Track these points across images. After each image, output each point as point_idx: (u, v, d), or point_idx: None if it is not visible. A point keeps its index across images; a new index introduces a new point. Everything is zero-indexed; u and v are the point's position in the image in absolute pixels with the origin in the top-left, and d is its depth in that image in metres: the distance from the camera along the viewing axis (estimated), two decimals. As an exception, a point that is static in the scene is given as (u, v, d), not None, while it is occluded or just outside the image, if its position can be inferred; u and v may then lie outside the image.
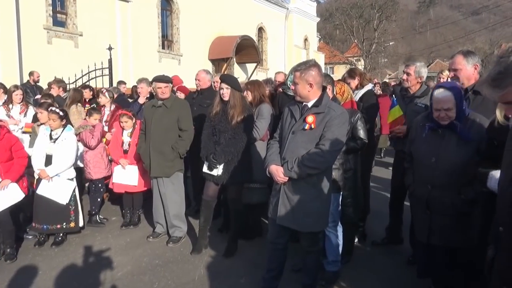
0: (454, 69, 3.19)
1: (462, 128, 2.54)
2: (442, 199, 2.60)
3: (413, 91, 3.93)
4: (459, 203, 2.54)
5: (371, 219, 4.89)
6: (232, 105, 3.91)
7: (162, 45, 17.23)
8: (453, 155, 2.55)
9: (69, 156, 4.44)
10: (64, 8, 13.49)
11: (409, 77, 3.89)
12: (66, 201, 4.44)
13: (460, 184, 2.54)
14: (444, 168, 2.58)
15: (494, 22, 70.35)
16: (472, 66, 3.15)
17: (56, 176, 4.39)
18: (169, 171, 4.39)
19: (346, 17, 42.95)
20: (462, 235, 2.56)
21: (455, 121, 2.57)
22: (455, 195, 2.55)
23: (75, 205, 4.55)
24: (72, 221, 4.51)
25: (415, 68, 3.85)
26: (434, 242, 2.68)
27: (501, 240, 1.79)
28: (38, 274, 3.81)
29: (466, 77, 3.15)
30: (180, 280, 3.67)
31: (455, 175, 2.55)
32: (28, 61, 11.67)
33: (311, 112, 2.85)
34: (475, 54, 3.26)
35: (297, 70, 2.88)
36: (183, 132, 4.39)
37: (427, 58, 60.80)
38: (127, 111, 5.06)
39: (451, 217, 2.59)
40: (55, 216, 4.41)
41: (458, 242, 2.58)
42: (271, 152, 3.07)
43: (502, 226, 1.78)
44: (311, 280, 3.15)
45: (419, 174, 2.78)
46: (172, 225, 4.52)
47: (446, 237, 2.62)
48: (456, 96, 2.56)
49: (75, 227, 4.55)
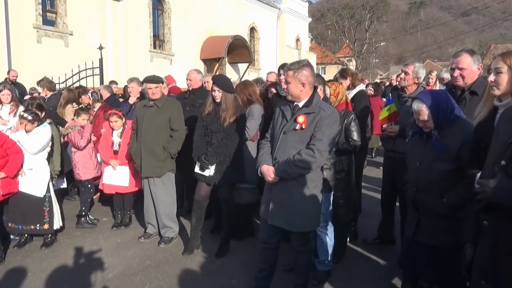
0: (460, 68, 3.12)
1: (437, 138, 2.57)
2: (426, 202, 2.66)
3: (409, 91, 3.89)
4: (441, 207, 2.57)
5: (362, 219, 4.91)
6: (224, 108, 3.90)
7: (154, 45, 17.15)
8: (433, 161, 2.59)
9: (35, 143, 4.28)
10: (54, 7, 13.37)
11: (407, 76, 3.86)
12: (42, 193, 4.32)
13: (443, 189, 2.57)
14: (425, 173, 2.63)
15: (483, 24, 71.11)
16: (477, 66, 3.13)
17: (28, 170, 4.28)
18: (160, 171, 4.37)
19: (338, 17, 43.05)
20: (447, 237, 2.58)
21: (433, 131, 2.60)
22: (437, 199, 2.58)
23: (49, 206, 4.42)
24: (46, 223, 4.37)
25: (414, 68, 3.83)
26: (419, 238, 2.72)
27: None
28: (27, 276, 3.76)
29: (470, 77, 3.11)
30: (171, 281, 3.65)
31: (435, 181, 2.59)
32: (17, 60, 11.55)
33: (302, 112, 2.86)
34: (478, 54, 3.26)
35: (290, 69, 2.88)
36: (175, 132, 4.37)
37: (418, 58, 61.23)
38: (117, 111, 5.01)
39: (437, 218, 2.62)
40: (29, 217, 4.32)
41: (443, 243, 2.61)
42: (263, 152, 3.08)
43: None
44: (303, 280, 3.15)
45: (409, 174, 2.83)
46: (164, 225, 4.49)
47: (432, 235, 2.65)
48: (432, 108, 2.56)
49: (48, 229, 4.40)
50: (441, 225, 2.61)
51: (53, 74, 9.79)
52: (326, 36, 56.70)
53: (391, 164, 4.02)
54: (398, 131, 3.75)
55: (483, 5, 75.18)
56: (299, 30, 28.93)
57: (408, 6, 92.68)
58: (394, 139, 3.85)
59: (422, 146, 2.68)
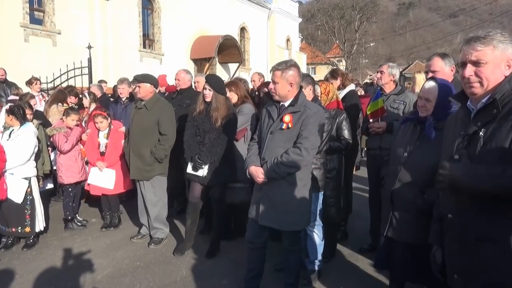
0: (433, 71, 3.27)
1: (429, 125, 2.56)
2: (405, 195, 2.61)
3: (388, 89, 4.06)
4: (420, 202, 2.54)
5: (353, 219, 4.94)
6: (214, 108, 3.88)
7: (143, 44, 17.02)
8: (423, 153, 2.58)
9: (21, 151, 4.21)
10: (41, 6, 13.18)
11: (383, 75, 4.06)
12: (20, 200, 4.23)
13: (427, 184, 2.56)
14: (412, 165, 2.60)
15: (470, 25, 71.99)
16: (449, 68, 3.28)
17: (9, 174, 4.20)
18: (148, 175, 4.30)
19: (328, 18, 43.24)
20: (417, 233, 2.56)
21: (430, 116, 2.60)
22: (418, 193, 2.56)
23: (31, 209, 4.32)
24: (28, 226, 4.29)
25: (388, 67, 4.06)
26: (390, 235, 2.70)
27: (450, 228, 1.83)
28: (14, 278, 3.71)
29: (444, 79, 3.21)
30: (162, 282, 3.63)
31: (421, 174, 2.56)
32: (4, 59, 11.33)
33: (288, 112, 2.87)
34: (450, 56, 3.39)
35: (278, 69, 2.89)
36: (163, 136, 4.25)
37: (407, 59, 61.80)
38: (102, 111, 4.91)
39: (410, 213, 2.60)
40: (10, 220, 4.25)
41: (412, 239, 2.58)
42: (251, 153, 3.10)
43: (450, 213, 1.82)
44: (293, 279, 3.16)
45: (391, 167, 2.78)
46: (153, 227, 4.46)
47: (402, 232, 2.63)
48: (441, 92, 2.58)
49: (30, 233, 4.32)
50: (413, 221, 2.57)
51: (40, 74, 9.63)
52: (316, 37, 56.96)
53: (376, 163, 3.98)
54: (386, 127, 3.78)
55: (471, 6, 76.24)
56: (289, 30, 28.98)
57: (397, 7, 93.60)
58: (381, 136, 3.88)
59: (414, 137, 2.66)
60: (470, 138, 1.73)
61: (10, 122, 4.34)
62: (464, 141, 1.76)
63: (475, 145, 1.70)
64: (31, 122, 4.53)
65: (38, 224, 4.42)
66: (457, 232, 1.79)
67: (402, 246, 2.65)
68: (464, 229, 1.75)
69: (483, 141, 1.67)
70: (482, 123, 1.69)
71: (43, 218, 4.56)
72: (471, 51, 1.71)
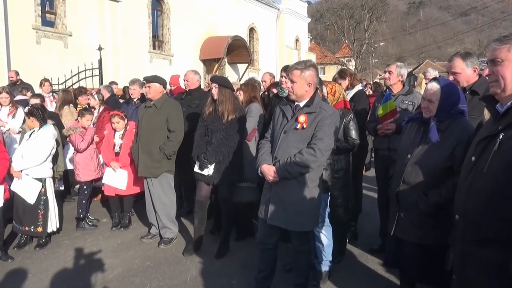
0: (454, 73, 3.11)
1: (433, 127, 2.53)
2: (409, 196, 2.60)
3: (396, 90, 4.04)
4: (423, 204, 2.52)
5: (363, 219, 4.91)
6: (220, 101, 3.92)
7: (153, 46, 17.16)
8: (426, 155, 2.56)
9: (37, 152, 4.29)
10: (53, 8, 13.36)
11: (391, 75, 4.03)
12: (33, 201, 4.29)
13: (428, 186, 2.54)
14: (415, 167, 2.59)
15: (482, 23, 71.23)
16: (472, 69, 3.09)
17: (24, 175, 4.28)
18: (155, 171, 4.35)
19: (337, 17, 43.06)
20: (423, 233, 2.55)
21: (433, 118, 2.57)
22: (422, 195, 2.54)
23: (44, 210, 4.37)
24: (40, 226, 4.34)
25: (396, 67, 4.03)
26: (397, 234, 2.69)
27: (456, 230, 1.84)
28: (27, 277, 3.76)
29: (466, 81, 3.10)
30: (171, 282, 3.65)
31: (424, 176, 2.54)
32: (16, 61, 11.53)
33: (303, 112, 2.86)
34: (473, 55, 3.18)
35: (297, 68, 2.87)
36: (171, 133, 4.34)
37: (417, 58, 61.37)
38: (119, 112, 5.00)
39: (415, 214, 2.58)
40: (24, 219, 4.31)
41: (419, 239, 2.57)
42: (263, 152, 3.08)
43: (458, 214, 1.82)
44: (303, 280, 3.15)
45: (397, 167, 2.77)
46: (163, 226, 4.49)
47: (408, 232, 2.62)
48: (444, 93, 2.55)
49: (42, 232, 4.36)
50: (418, 222, 2.56)
51: (52, 75, 9.80)
52: (325, 37, 56.75)
53: (385, 164, 3.95)
54: (396, 128, 3.75)
55: (482, 5, 75.29)
56: (298, 31, 28.93)
57: (407, 6, 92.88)
58: (389, 136, 3.86)
59: (418, 138, 2.64)
60: (489, 141, 1.72)
61: (31, 124, 4.43)
62: (484, 143, 1.74)
63: (491, 147, 1.68)
64: (51, 125, 4.60)
65: (50, 224, 4.47)
66: (460, 234, 1.78)
67: (410, 246, 2.64)
68: (464, 231, 1.75)
69: (498, 145, 1.65)
70: (503, 126, 1.67)
71: (57, 219, 4.62)
72: (490, 49, 1.72)
